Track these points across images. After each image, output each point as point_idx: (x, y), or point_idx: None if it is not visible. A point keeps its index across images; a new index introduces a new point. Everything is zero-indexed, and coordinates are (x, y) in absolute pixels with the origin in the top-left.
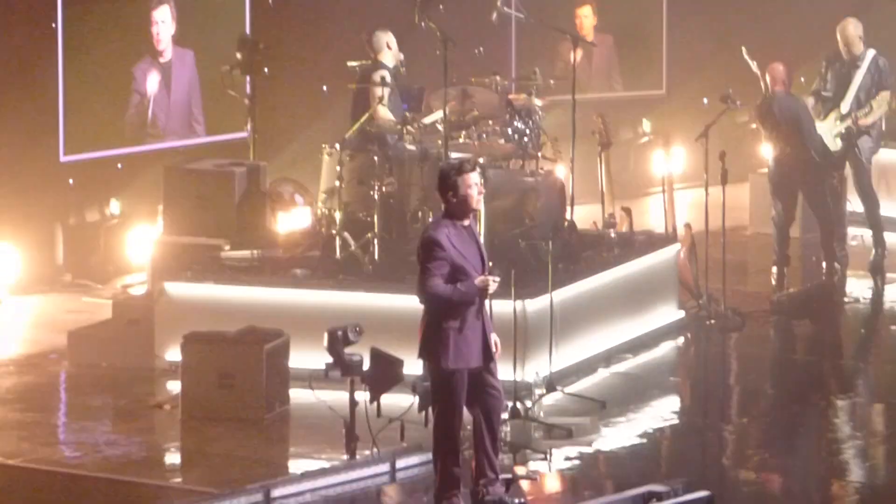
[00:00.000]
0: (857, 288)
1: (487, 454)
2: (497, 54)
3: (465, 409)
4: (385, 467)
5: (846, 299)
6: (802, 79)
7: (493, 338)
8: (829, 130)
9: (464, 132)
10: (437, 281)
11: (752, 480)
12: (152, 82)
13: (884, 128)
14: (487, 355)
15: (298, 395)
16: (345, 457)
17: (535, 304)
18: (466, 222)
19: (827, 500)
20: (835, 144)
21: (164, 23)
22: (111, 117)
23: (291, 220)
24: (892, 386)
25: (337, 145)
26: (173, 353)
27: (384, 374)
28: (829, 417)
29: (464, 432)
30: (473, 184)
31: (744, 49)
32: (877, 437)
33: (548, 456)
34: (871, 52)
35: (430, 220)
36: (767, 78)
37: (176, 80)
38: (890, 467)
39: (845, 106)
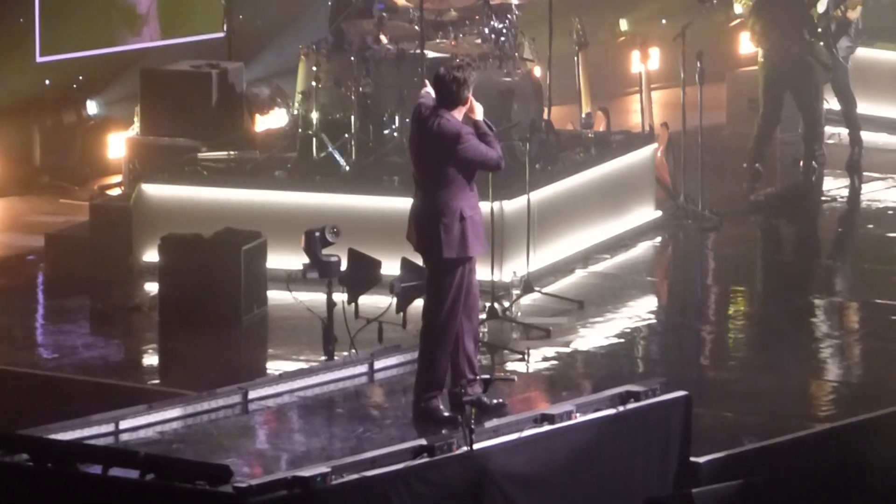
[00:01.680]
0: (835, 186)
1: (467, 354)
2: None
3: None
4: (363, 368)
5: (823, 198)
6: None
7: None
8: None
9: (440, 32)
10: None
11: (730, 380)
12: None
13: (860, 26)
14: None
15: (276, 297)
16: (323, 358)
17: (513, 205)
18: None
19: (804, 399)
20: None
21: None
22: (88, 17)
23: (268, 122)
24: (869, 284)
25: (314, 46)
26: (151, 255)
27: (362, 275)
28: (807, 317)
29: None
30: None
31: None
32: (854, 335)
33: (525, 356)
34: None
35: (431, 115)
36: None
37: None
38: (866, 366)
39: (821, 5)
